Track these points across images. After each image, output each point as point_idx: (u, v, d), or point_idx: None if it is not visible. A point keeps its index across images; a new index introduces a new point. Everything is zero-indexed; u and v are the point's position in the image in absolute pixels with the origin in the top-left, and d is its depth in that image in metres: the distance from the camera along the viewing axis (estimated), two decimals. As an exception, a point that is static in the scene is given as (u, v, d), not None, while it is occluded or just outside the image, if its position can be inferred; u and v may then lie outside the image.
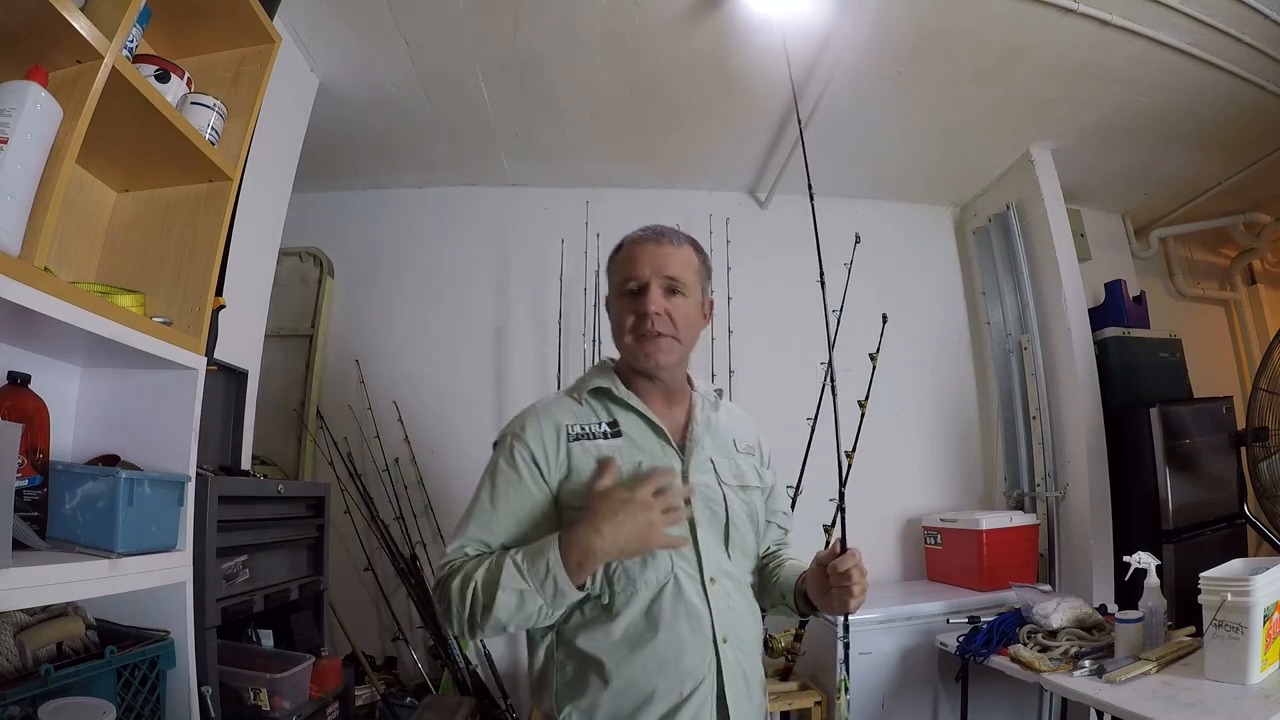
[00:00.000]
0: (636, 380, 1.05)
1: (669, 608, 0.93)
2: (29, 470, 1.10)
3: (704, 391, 1.12)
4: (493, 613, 0.86)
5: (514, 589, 0.86)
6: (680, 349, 1.03)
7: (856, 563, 0.95)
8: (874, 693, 2.33)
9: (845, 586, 0.94)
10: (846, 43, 2.17)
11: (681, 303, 1.03)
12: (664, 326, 1.00)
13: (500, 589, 0.86)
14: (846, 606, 0.96)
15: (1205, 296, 3.83)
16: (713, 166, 3.08)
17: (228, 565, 1.47)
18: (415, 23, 2.10)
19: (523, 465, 0.97)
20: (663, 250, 1.03)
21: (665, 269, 1.02)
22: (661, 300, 1.01)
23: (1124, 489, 2.61)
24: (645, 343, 1.00)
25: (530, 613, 0.87)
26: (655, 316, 0.99)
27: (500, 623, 0.87)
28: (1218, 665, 1.45)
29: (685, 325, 1.03)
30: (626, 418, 1.03)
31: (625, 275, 1.04)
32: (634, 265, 1.03)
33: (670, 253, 1.04)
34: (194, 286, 1.32)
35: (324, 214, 3.08)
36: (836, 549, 0.98)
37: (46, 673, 0.95)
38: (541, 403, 1.06)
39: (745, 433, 1.16)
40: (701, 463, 1.03)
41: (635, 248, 1.05)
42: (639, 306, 1.01)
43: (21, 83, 0.95)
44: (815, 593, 1.01)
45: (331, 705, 1.69)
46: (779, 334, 2.97)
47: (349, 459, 2.71)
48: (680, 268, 1.03)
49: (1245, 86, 2.42)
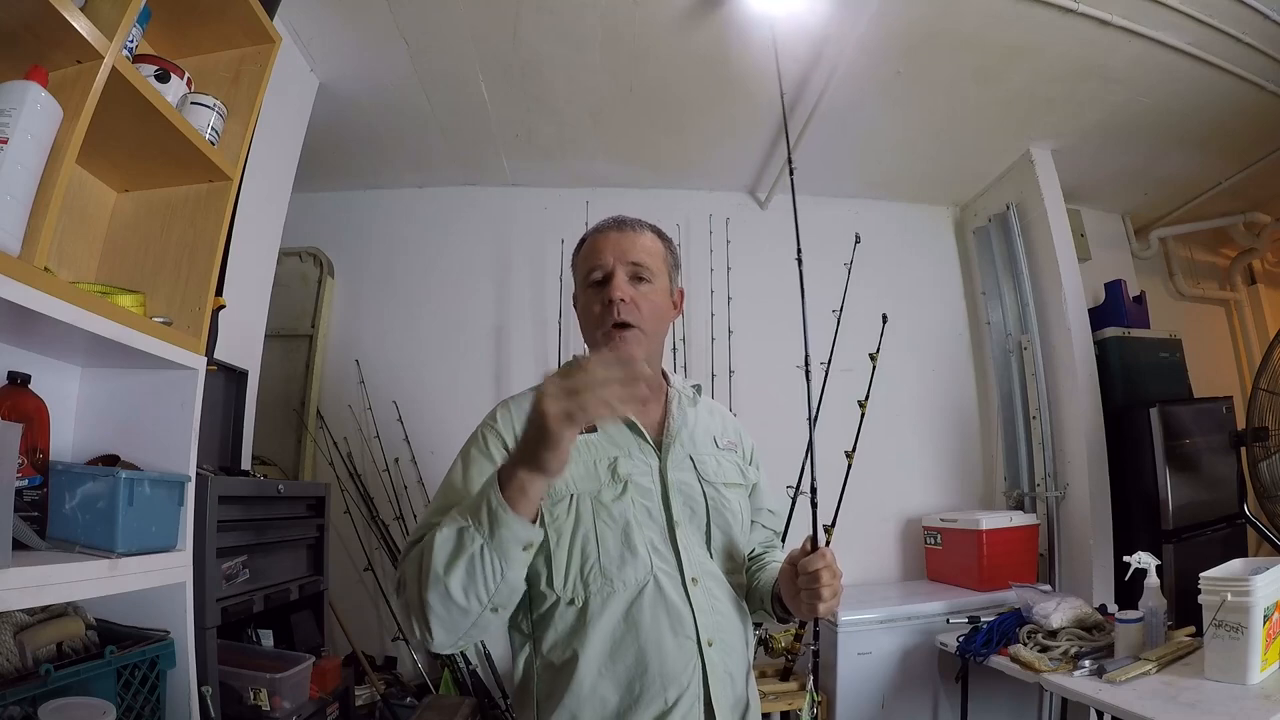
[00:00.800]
0: None
1: (649, 609, 0.89)
2: (29, 470, 1.10)
3: (680, 387, 1.09)
4: (433, 565, 0.76)
5: (453, 526, 0.77)
6: (647, 340, 1.00)
7: (827, 563, 0.86)
8: (874, 693, 2.33)
9: (813, 588, 0.86)
10: (846, 42, 2.18)
11: (648, 290, 1.00)
12: (630, 314, 0.97)
13: (439, 530, 0.77)
14: (815, 610, 0.87)
15: (1205, 296, 3.83)
16: (713, 166, 3.08)
17: (228, 565, 1.47)
18: (415, 23, 2.10)
19: (495, 449, 0.94)
20: (625, 237, 1.02)
21: (629, 255, 1.00)
22: (627, 286, 0.98)
23: (1124, 489, 2.61)
24: (611, 339, 0.97)
25: (472, 555, 0.75)
26: (621, 303, 0.97)
27: (440, 578, 0.75)
28: (1218, 665, 1.45)
29: (652, 314, 1.00)
30: None
31: (590, 266, 1.01)
32: (597, 254, 1.01)
33: (634, 239, 1.02)
34: (194, 286, 1.32)
35: (324, 214, 3.08)
36: (808, 547, 0.90)
37: (46, 673, 0.95)
38: (512, 398, 1.03)
39: (726, 429, 1.12)
40: (680, 460, 1.00)
41: (598, 237, 1.03)
42: (605, 295, 0.98)
43: (21, 83, 0.95)
44: (787, 594, 0.92)
45: (331, 705, 1.69)
46: (779, 334, 2.96)
47: (349, 459, 2.71)
48: (644, 253, 1.01)
49: (1245, 86, 2.42)
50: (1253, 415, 2.05)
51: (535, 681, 0.92)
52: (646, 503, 0.95)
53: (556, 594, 0.90)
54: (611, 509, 0.92)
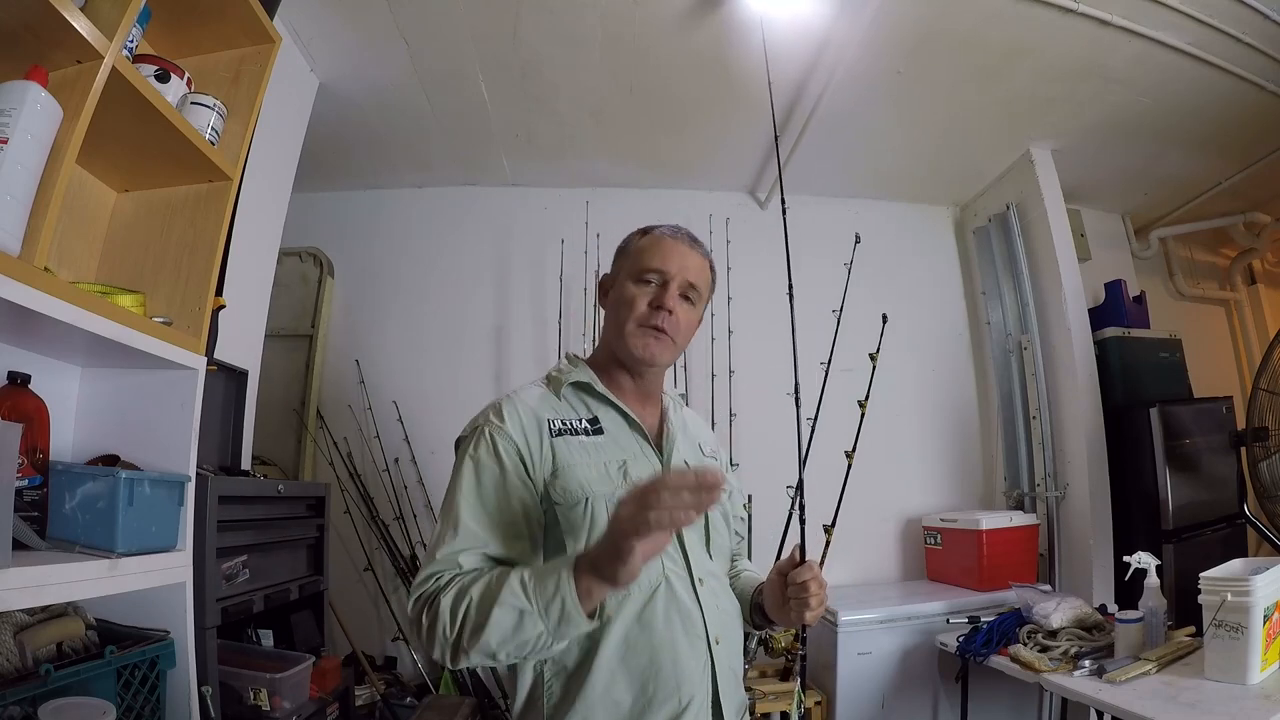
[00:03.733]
0: (617, 376, 1.03)
1: (662, 611, 0.90)
2: (29, 470, 1.10)
3: (673, 395, 1.13)
4: (484, 634, 0.77)
5: (513, 606, 0.77)
6: (674, 352, 1.02)
7: (815, 575, 0.92)
8: (874, 693, 2.33)
9: (803, 599, 0.92)
10: (847, 42, 2.18)
11: (690, 311, 1.03)
12: (671, 327, 0.99)
13: (498, 604, 0.77)
14: (804, 619, 0.93)
15: (1205, 296, 3.83)
16: (713, 166, 3.08)
17: (228, 565, 1.47)
18: (415, 23, 2.10)
19: (507, 459, 0.91)
20: (693, 255, 1.03)
21: (689, 273, 1.01)
22: (676, 302, 1.00)
23: (1124, 489, 2.61)
24: (648, 335, 0.98)
25: (528, 639, 0.77)
26: (668, 315, 0.98)
27: (490, 648, 0.78)
28: (1218, 665, 1.45)
29: (686, 332, 1.03)
30: (607, 415, 1.00)
31: (651, 264, 1.01)
32: (664, 258, 1.01)
33: (698, 261, 1.03)
34: (194, 286, 1.32)
35: (324, 214, 3.08)
36: (795, 558, 0.95)
37: (46, 673, 0.95)
38: (514, 393, 1.01)
39: (708, 437, 1.18)
40: (678, 463, 1.02)
41: (669, 242, 1.03)
42: (658, 298, 0.99)
43: (21, 83, 0.95)
44: (772, 604, 0.98)
45: (331, 705, 1.69)
46: (779, 334, 2.96)
47: (349, 459, 2.71)
48: (700, 277, 1.03)
49: (1245, 86, 2.42)
50: (1253, 415, 2.05)
51: (544, 687, 0.91)
52: None
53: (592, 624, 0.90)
54: None
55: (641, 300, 0.99)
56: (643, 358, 0.99)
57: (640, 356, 0.99)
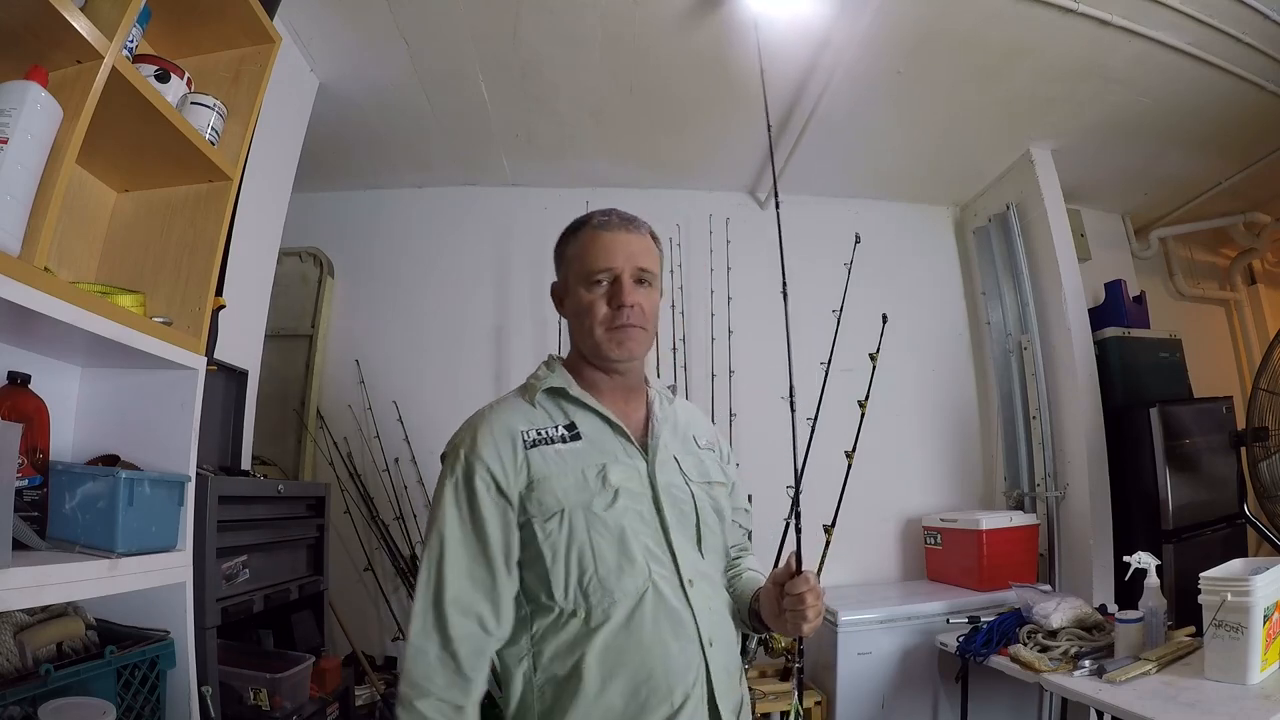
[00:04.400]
0: (593, 376, 1.02)
1: (650, 615, 0.89)
2: (29, 470, 1.10)
3: (659, 388, 1.10)
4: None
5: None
6: (648, 339, 1.01)
7: (811, 586, 0.90)
8: (874, 693, 2.33)
9: (799, 611, 0.90)
10: (847, 42, 2.18)
11: (649, 293, 1.00)
12: (638, 319, 0.97)
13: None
14: (800, 630, 0.92)
15: (1205, 296, 3.83)
16: (712, 166, 3.07)
17: (228, 565, 1.47)
18: (415, 23, 2.10)
19: (483, 490, 0.92)
20: (633, 240, 1.01)
21: (637, 260, 0.99)
22: (635, 292, 0.98)
23: (1124, 489, 2.61)
24: (618, 333, 0.97)
25: None
26: (630, 310, 0.96)
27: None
28: (1218, 665, 1.45)
29: (652, 315, 1.01)
30: (584, 418, 0.99)
31: (597, 265, 0.98)
32: (608, 254, 0.98)
33: (641, 243, 1.01)
34: (194, 286, 1.32)
35: (324, 214, 3.07)
36: (792, 567, 0.93)
37: (46, 673, 0.95)
38: (490, 409, 1.00)
39: (704, 429, 1.14)
40: (665, 461, 1.00)
41: (605, 235, 1.00)
42: (615, 299, 0.97)
43: (21, 83, 0.95)
44: (769, 613, 0.96)
45: (331, 705, 1.69)
46: (779, 334, 2.96)
47: (349, 459, 2.71)
48: (649, 259, 1.01)
49: (1245, 86, 2.42)
50: (1253, 415, 2.05)
51: (535, 695, 0.90)
52: (639, 507, 0.94)
53: (559, 605, 0.90)
54: (605, 518, 0.91)
55: (599, 304, 0.98)
56: (620, 356, 0.98)
57: (618, 356, 0.98)
